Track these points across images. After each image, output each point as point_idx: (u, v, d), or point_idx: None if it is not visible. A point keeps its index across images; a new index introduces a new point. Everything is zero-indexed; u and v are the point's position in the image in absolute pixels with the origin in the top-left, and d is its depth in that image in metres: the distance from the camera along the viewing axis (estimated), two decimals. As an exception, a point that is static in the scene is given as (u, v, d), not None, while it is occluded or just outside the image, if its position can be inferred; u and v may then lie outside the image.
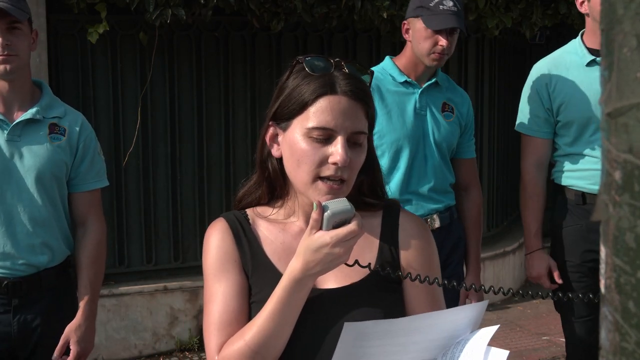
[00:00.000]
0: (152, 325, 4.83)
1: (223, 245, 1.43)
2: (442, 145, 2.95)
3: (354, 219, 1.26)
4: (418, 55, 2.87)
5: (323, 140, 1.34)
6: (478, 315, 1.29)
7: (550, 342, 5.04)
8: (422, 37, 2.82)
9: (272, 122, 1.43)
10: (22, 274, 2.41)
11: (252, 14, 4.61)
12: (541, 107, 2.98)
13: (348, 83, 1.36)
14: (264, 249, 1.44)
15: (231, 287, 1.39)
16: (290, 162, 1.38)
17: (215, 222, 1.47)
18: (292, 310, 1.30)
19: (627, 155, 0.48)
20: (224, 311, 1.38)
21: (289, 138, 1.38)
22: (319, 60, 1.39)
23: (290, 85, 1.39)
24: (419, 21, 2.83)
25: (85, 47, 4.63)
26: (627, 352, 0.48)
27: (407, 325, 1.25)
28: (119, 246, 4.84)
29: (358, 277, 1.40)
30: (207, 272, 1.43)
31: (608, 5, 0.49)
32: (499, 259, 5.98)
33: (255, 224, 1.47)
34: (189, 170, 4.96)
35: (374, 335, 1.22)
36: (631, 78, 0.47)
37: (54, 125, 2.47)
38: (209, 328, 1.38)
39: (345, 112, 1.34)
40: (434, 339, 1.26)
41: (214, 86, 4.97)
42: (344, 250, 1.25)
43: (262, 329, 1.30)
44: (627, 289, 0.48)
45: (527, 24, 5.47)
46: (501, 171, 6.42)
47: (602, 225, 0.52)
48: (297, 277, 1.28)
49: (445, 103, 2.99)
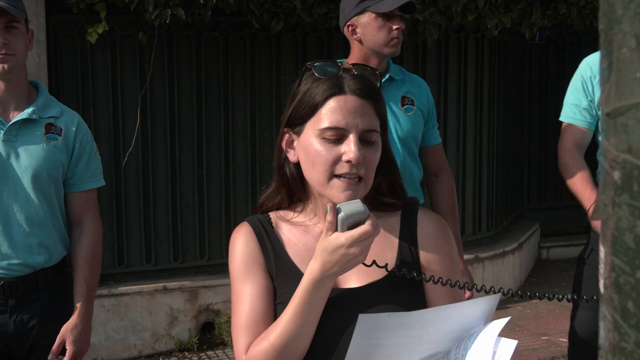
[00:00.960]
0: (152, 325, 4.83)
1: (247, 249, 1.47)
2: (407, 141, 2.89)
3: (368, 220, 1.29)
4: (375, 49, 2.79)
5: (336, 140, 1.38)
6: (491, 308, 1.31)
7: (549, 342, 5.04)
8: (374, 28, 2.77)
9: (286, 129, 1.47)
10: (18, 274, 2.41)
11: (252, 14, 4.61)
12: (584, 97, 2.99)
13: (355, 82, 1.41)
14: (287, 251, 1.48)
15: (257, 289, 1.44)
16: (306, 165, 1.42)
17: (240, 227, 1.52)
18: (313, 310, 1.34)
19: (626, 155, 0.48)
20: (250, 312, 1.42)
21: (304, 141, 1.42)
22: (327, 65, 1.45)
23: (301, 91, 1.44)
24: (366, 15, 2.78)
25: (84, 47, 4.63)
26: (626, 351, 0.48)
27: (421, 318, 1.27)
28: (118, 246, 4.84)
29: (379, 275, 1.43)
30: (233, 274, 1.47)
31: (607, 5, 0.49)
32: (499, 259, 5.98)
33: (278, 227, 1.51)
34: (188, 170, 4.96)
35: (388, 327, 1.24)
36: (630, 78, 0.47)
37: (50, 125, 2.47)
38: (237, 329, 1.42)
39: (355, 110, 1.39)
40: (447, 332, 1.29)
41: (213, 86, 4.97)
42: (360, 250, 1.28)
43: (285, 329, 1.34)
44: (626, 289, 0.48)
45: (526, 24, 5.47)
46: (501, 171, 6.42)
47: (601, 225, 0.52)
48: (316, 278, 1.32)
49: (404, 96, 2.92)
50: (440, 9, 5.02)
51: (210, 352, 4.86)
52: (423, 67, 5.53)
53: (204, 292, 4.93)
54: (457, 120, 5.77)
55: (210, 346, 4.93)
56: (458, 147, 5.80)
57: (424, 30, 4.99)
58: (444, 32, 5.51)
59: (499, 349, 1.24)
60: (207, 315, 4.96)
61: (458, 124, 5.79)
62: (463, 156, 5.84)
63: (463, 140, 5.85)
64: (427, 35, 5.02)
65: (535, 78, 7.21)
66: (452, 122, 5.71)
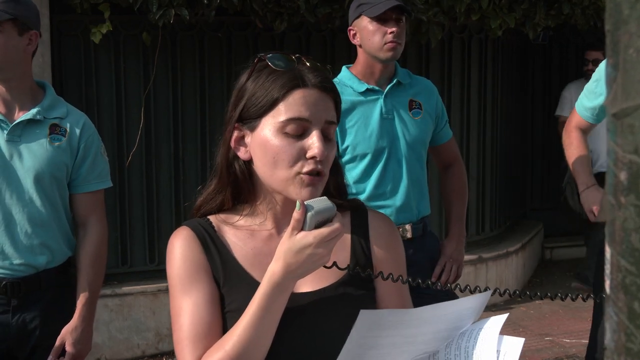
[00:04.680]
0: (155, 325, 4.83)
1: (190, 255, 1.36)
2: (415, 146, 2.89)
3: (335, 218, 1.24)
4: (372, 54, 2.80)
5: (297, 135, 1.31)
6: (481, 306, 1.29)
7: (553, 343, 5.03)
8: (370, 33, 2.77)
9: (237, 124, 1.37)
10: (21, 275, 2.40)
11: (255, 14, 4.62)
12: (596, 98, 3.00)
13: (316, 75, 1.35)
14: (234, 256, 1.38)
15: (202, 298, 1.33)
16: (264, 162, 1.34)
17: (179, 231, 1.41)
18: (274, 316, 1.26)
19: (632, 156, 0.48)
20: (198, 323, 1.31)
21: (259, 138, 1.34)
22: (280, 57, 1.36)
23: (254, 84, 1.35)
24: (362, 19, 2.79)
25: (88, 47, 4.64)
26: (633, 352, 0.48)
27: (419, 316, 1.24)
28: (122, 246, 4.84)
29: (333, 279, 1.39)
30: (173, 284, 1.36)
31: (614, 5, 0.49)
32: (502, 259, 5.97)
33: (221, 231, 1.41)
34: (192, 170, 4.97)
35: (388, 324, 1.21)
36: (637, 79, 0.47)
37: (55, 126, 2.46)
38: (182, 343, 1.31)
39: (317, 103, 1.33)
40: (438, 330, 1.26)
41: (217, 86, 4.97)
42: (327, 250, 1.22)
43: (242, 337, 1.25)
44: (632, 290, 0.48)
45: (530, 24, 5.47)
46: (504, 172, 6.41)
47: (607, 225, 0.52)
48: (277, 281, 1.24)
49: (411, 100, 2.92)
50: (444, 9, 5.01)
51: (213, 352, 4.87)
52: (426, 68, 5.53)
53: (207, 292, 4.93)
54: (460, 121, 5.77)
55: (214, 346, 4.93)
56: (461, 148, 5.78)
57: (428, 30, 4.99)
58: (448, 33, 5.51)
59: (504, 347, 1.21)
60: (210, 315, 4.96)
61: (461, 124, 5.79)
62: (466, 156, 5.83)
63: (466, 141, 5.85)
64: (430, 36, 5.02)
65: (539, 78, 7.20)
66: (456, 123, 5.70)
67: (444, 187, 3.13)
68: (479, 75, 5.89)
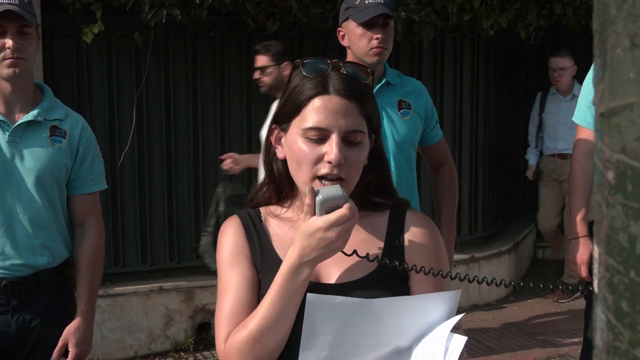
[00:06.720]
0: (148, 325, 4.82)
1: (234, 240, 1.47)
2: (404, 145, 2.90)
3: (345, 204, 1.29)
4: (359, 57, 2.80)
5: (319, 140, 1.37)
6: (452, 304, 1.30)
7: (545, 342, 5.04)
8: (356, 37, 2.79)
9: (275, 125, 1.47)
10: (21, 275, 2.42)
11: (248, 14, 4.61)
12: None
13: (341, 82, 1.39)
14: (273, 245, 1.47)
15: (242, 280, 1.43)
16: (292, 163, 1.42)
17: (229, 219, 1.52)
18: (292, 297, 1.32)
19: (620, 155, 0.48)
20: (234, 302, 1.41)
21: (289, 140, 1.42)
22: (317, 62, 1.42)
23: (290, 88, 1.44)
24: (350, 22, 2.81)
25: (80, 47, 4.63)
26: (620, 351, 0.48)
27: (375, 307, 1.26)
28: (114, 246, 4.83)
29: (363, 273, 1.42)
30: (220, 264, 1.47)
31: (601, 5, 0.49)
32: (494, 258, 5.99)
33: (266, 222, 1.51)
34: (184, 170, 4.96)
35: (338, 311, 1.24)
36: (624, 78, 0.47)
37: (55, 128, 2.48)
38: (219, 318, 1.41)
39: (338, 111, 1.37)
40: (406, 325, 1.28)
41: (209, 86, 4.97)
42: (337, 235, 1.28)
43: (263, 317, 1.32)
44: (620, 289, 0.48)
45: (522, 24, 5.48)
46: (497, 171, 6.43)
47: (595, 224, 0.52)
48: (294, 264, 1.31)
49: (400, 100, 2.93)
50: (436, 9, 5.02)
51: (206, 353, 4.86)
52: (419, 67, 5.54)
53: (199, 292, 4.93)
54: (452, 120, 5.78)
55: (206, 346, 4.93)
56: (454, 147, 5.80)
57: (420, 30, 5.00)
58: (440, 32, 5.52)
59: (451, 345, 1.24)
60: (202, 315, 4.96)
61: (454, 124, 5.80)
62: (459, 156, 5.84)
63: (459, 140, 5.86)
64: (422, 35, 5.02)
65: (531, 78, 7.22)
66: (448, 122, 5.71)
67: (435, 187, 3.15)
68: (471, 75, 5.90)
